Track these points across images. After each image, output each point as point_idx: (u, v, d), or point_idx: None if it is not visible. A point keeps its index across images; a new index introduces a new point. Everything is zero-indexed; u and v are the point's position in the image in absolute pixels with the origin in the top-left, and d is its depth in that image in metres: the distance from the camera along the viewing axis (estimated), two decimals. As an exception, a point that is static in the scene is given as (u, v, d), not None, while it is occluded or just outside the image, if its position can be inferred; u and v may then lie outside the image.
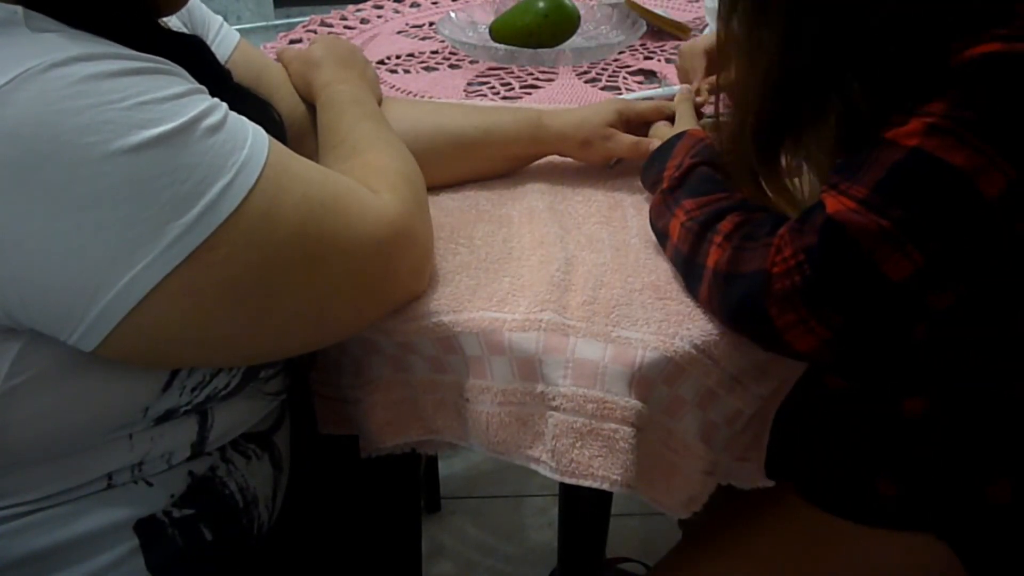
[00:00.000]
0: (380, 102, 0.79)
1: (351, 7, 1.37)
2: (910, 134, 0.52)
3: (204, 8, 0.77)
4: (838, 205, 0.53)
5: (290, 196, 0.51)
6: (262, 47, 1.12)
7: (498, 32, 1.13)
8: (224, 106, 0.51)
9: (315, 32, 1.27)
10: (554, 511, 1.44)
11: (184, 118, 0.47)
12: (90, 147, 0.44)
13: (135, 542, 0.58)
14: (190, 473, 0.61)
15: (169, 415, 0.57)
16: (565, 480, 0.59)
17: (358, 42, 1.23)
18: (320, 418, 0.74)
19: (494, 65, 1.13)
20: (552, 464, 0.60)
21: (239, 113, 0.52)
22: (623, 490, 0.58)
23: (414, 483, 0.94)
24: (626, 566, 1.25)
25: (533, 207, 0.76)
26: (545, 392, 0.60)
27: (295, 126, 0.76)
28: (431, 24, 1.31)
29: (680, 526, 1.05)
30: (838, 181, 0.55)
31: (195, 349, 0.52)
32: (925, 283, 0.52)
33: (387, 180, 0.61)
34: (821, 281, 0.53)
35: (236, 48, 0.77)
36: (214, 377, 0.58)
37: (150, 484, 0.58)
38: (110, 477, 0.56)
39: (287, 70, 0.81)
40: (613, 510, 0.81)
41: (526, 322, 0.60)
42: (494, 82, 1.09)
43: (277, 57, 0.83)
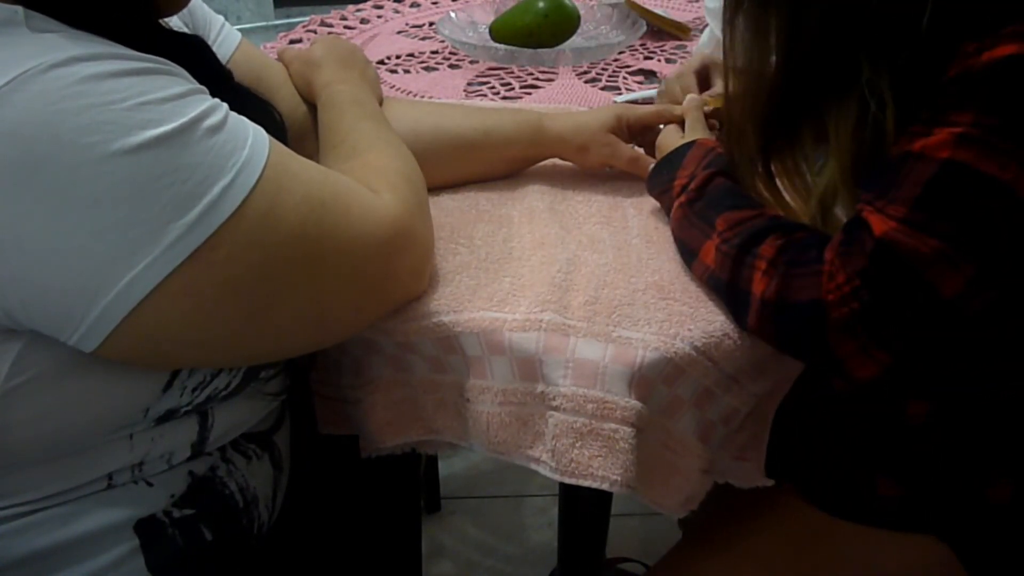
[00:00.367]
0: (381, 102, 0.79)
1: (351, 7, 1.37)
2: (939, 145, 0.52)
3: (205, 8, 0.76)
4: (883, 225, 0.52)
5: (291, 196, 0.51)
6: (262, 47, 1.12)
7: (498, 32, 1.13)
8: (225, 106, 0.51)
9: (315, 32, 1.27)
10: (554, 511, 1.44)
11: (185, 118, 0.47)
12: (90, 147, 0.44)
13: (135, 542, 0.57)
14: (190, 473, 0.61)
15: (169, 415, 0.57)
16: (565, 480, 0.59)
17: (358, 42, 1.23)
18: (320, 418, 0.74)
19: (494, 65, 1.13)
20: (552, 464, 0.60)
21: (240, 113, 0.52)
22: (623, 490, 0.58)
23: (414, 483, 0.94)
24: (626, 566, 1.25)
25: (533, 207, 0.76)
26: (545, 392, 0.60)
27: (296, 126, 0.76)
28: (431, 24, 1.31)
29: (680, 526, 1.05)
30: (874, 198, 0.54)
31: (196, 349, 0.52)
32: (974, 294, 0.51)
33: (387, 180, 0.61)
34: (880, 306, 0.52)
35: (237, 48, 0.77)
36: (214, 378, 0.58)
37: (150, 484, 0.58)
38: (110, 477, 0.56)
39: (287, 70, 0.81)
40: (613, 510, 0.81)
41: (526, 322, 0.60)
42: (494, 82, 1.09)
43: (277, 57, 0.83)
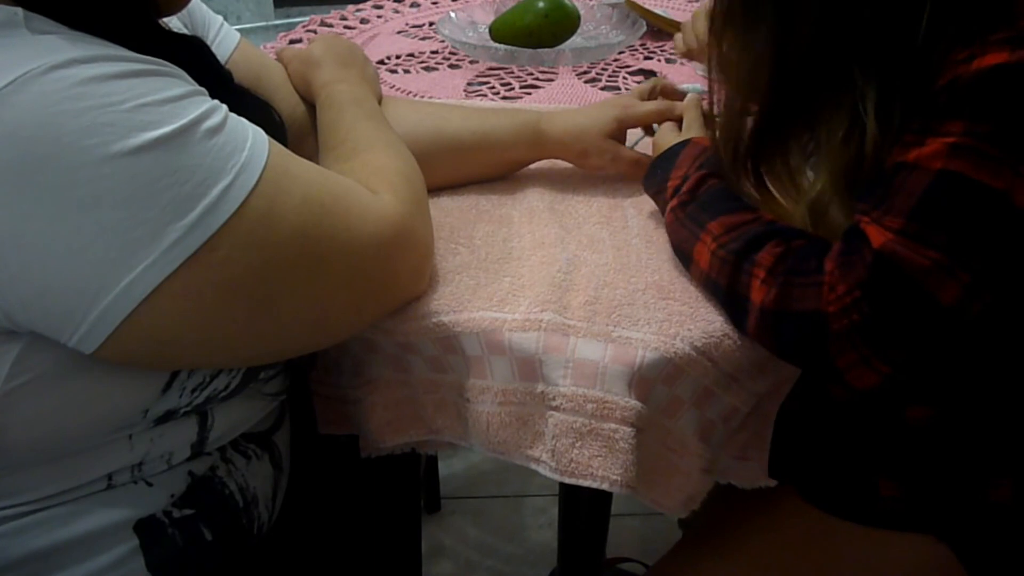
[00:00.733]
0: (380, 100, 0.79)
1: (351, 7, 1.37)
2: (933, 156, 0.52)
3: (204, 8, 0.76)
4: (881, 237, 0.52)
5: (290, 197, 0.51)
6: (262, 47, 1.12)
7: (498, 32, 1.13)
8: (224, 108, 0.51)
9: (315, 32, 1.27)
10: (554, 511, 1.44)
11: (184, 120, 0.47)
12: (90, 149, 0.44)
13: (135, 542, 0.58)
14: (190, 473, 0.61)
15: (169, 416, 0.57)
16: (565, 480, 0.59)
17: (358, 42, 1.22)
18: (320, 418, 0.74)
19: (494, 65, 1.13)
20: (552, 464, 0.60)
21: (239, 114, 0.52)
22: (623, 490, 0.58)
23: (414, 483, 0.94)
24: (626, 566, 1.25)
25: (533, 207, 0.76)
26: (545, 392, 0.60)
27: (295, 126, 0.76)
28: (431, 24, 1.31)
29: (680, 526, 1.05)
30: (870, 208, 0.54)
31: (196, 350, 0.52)
32: (970, 298, 0.51)
33: (387, 180, 0.61)
34: (880, 318, 0.52)
35: (236, 48, 0.77)
36: (214, 378, 0.58)
37: (150, 484, 0.58)
38: (110, 477, 0.56)
39: (287, 70, 0.81)
40: (613, 510, 0.81)
41: (526, 322, 0.60)
42: (494, 82, 1.08)
43: (277, 57, 0.83)
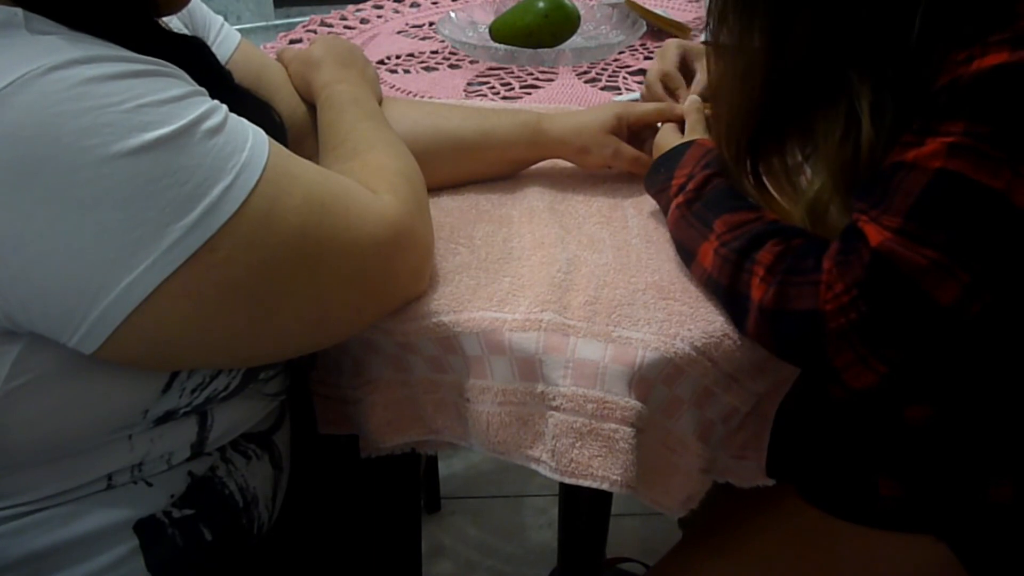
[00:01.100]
0: (380, 101, 0.79)
1: (351, 7, 1.37)
2: (932, 155, 0.51)
3: (205, 8, 0.76)
4: (879, 236, 0.52)
5: (290, 198, 0.51)
6: (262, 47, 1.12)
7: (498, 32, 1.13)
8: (224, 108, 0.51)
9: (315, 32, 1.27)
10: (554, 511, 1.44)
11: (184, 120, 0.47)
12: (90, 150, 0.44)
13: (135, 542, 0.58)
14: (190, 473, 0.61)
15: (168, 416, 0.57)
16: (565, 480, 0.59)
17: (358, 42, 1.23)
18: (320, 418, 0.74)
19: (494, 65, 1.13)
20: (552, 464, 0.60)
21: (239, 115, 0.52)
22: (623, 490, 0.58)
23: (414, 483, 0.94)
24: (626, 566, 1.25)
25: (533, 207, 0.76)
26: (545, 392, 0.60)
27: (296, 127, 0.76)
28: (431, 24, 1.31)
29: (680, 526, 1.05)
30: (868, 207, 0.54)
31: (196, 351, 0.52)
32: (969, 299, 0.51)
33: (387, 180, 0.61)
34: (877, 317, 0.52)
35: (237, 49, 0.77)
36: (214, 379, 0.58)
37: (150, 484, 0.58)
38: (110, 478, 0.56)
39: (287, 70, 0.81)
40: (613, 510, 0.81)
41: (526, 322, 0.60)
42: (494, 82, 1.08)
43: (277, 57, 0.83)
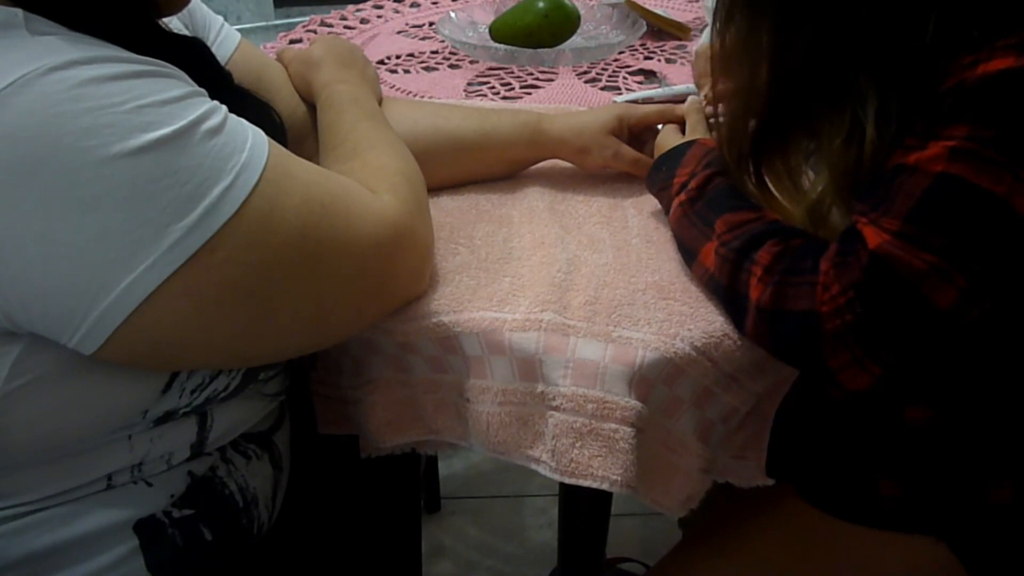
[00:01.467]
0: (380, 101, 0.79)
1: (351, 7, 1.37)
2: (934, 159, 0.51)
3: (205, 8, 0.76)
4: (877, 238, 0.52)
5: (290, 198, 0.51)
6: (262, 47, 1.12)
7: (498, 32, 1.13)
8: (224, 109, 0.51)
9: (315, 32, 1.27)
10: (554, 511, 1.44)
11: (184, 121, 0.47)
12: (90, 150, 0.44)
13: (135, 542, 0.58)
14: (190, 473, 0.61)
15: (168, 417, 0.57)
16: (565, 480, 0.59)
17: (358, 42, 1.23)
18: (320, 418, 0.74)
19: (494, 65, 1.13)
20: (552, 464, 0.60)
21: (239, 115, 0.52)
22: (623, 490, 0.58)
23: (414, 483, 0.94)
24: (626, 566, 1.25)
25: (533, 207, 0.76)
26: (545, 392, 0.60)
27: (296, 127, 0.76)
28: (431, 24, 1.31)
29: (680, 526, 1.05)
30: (868, 210, 0.54)
31: (196, 351, 0.52)
32: (968, 304, 0.51)
33: (387, 180, 0.61)
34: (873, 319, 0.52)
35: (237, 49, 0.77)
36: (213, 379, 0.58)
37: (150, 484, 0.58)
38: (110, 478, 0.56)
39: (287, 70, 0.81)
40: (613, 510, 0.81)
41: (526, 322, 0.60)
42: (494, 82, 1.08)
43: (277, 57, 0.83)
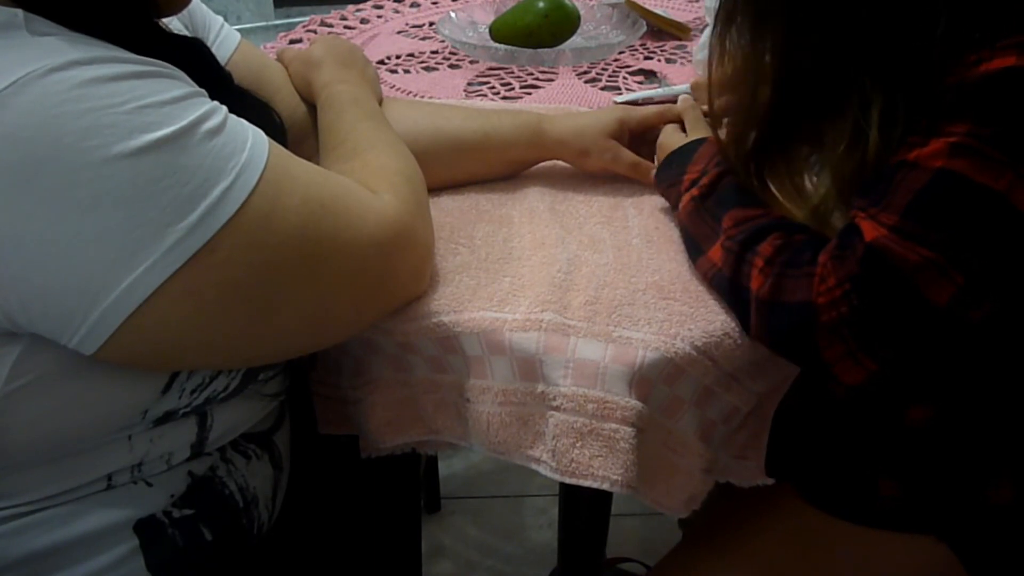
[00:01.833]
0: (380, 102, 0.79)
1: (351, 7, 1.37)
2: (934, 155, 0.51)
3: (205, 9, 0.76)
4: (874, 232, 0.52)
5: (290, 198, 0.51)
6: (262, 47, 1.12)
7: (498, 32, 1.13)
8: (224, 109, 0.51)
9: (315, 32, 1.27)
10: (554, 511, 1.44)
11: (184, 121, 0.47)
12: (90, 151, 0.44)
13: (135, 542, 0.58)
14: (190, 473, 0.61)
15: (168, 417, 0.57)
16: (565, 480, 0.59)
17: (358, 42, 1.23)
18: (320, 418, 0.74)
19: (494, 65, 1.13)
20: (552, 464, 0.60)
21: (239, 116, 0.52)
22: (623, 490, 0.58)
23: (414, 483, 0.94)
24: (626, 566, 1.25)
25: (534, 207, 0.76)
26: (546, 392, 0.60)
27: (296, 127, 0.76)
28: (431, 24, 1.31)
29: (680, 526, 1.05)
30: (867, 204, 0.54)
31: (196, 351, 0.52)
32: (966, 302, 0.51)
33: (387, 180, 0.61)
34: (868, 311, 0.52)
35: (237, 49, 0.77)
36: (213, 379, 0.58)
37: (150, 484, 0.59)
38: (110, 478, 0.56)
39: (287, 70, 0.81)
40: (613, 510, 0.81)
41: (527, 322, 0.60)
42: (494, 82, 1.08)
43: (277, 57, 0.83)
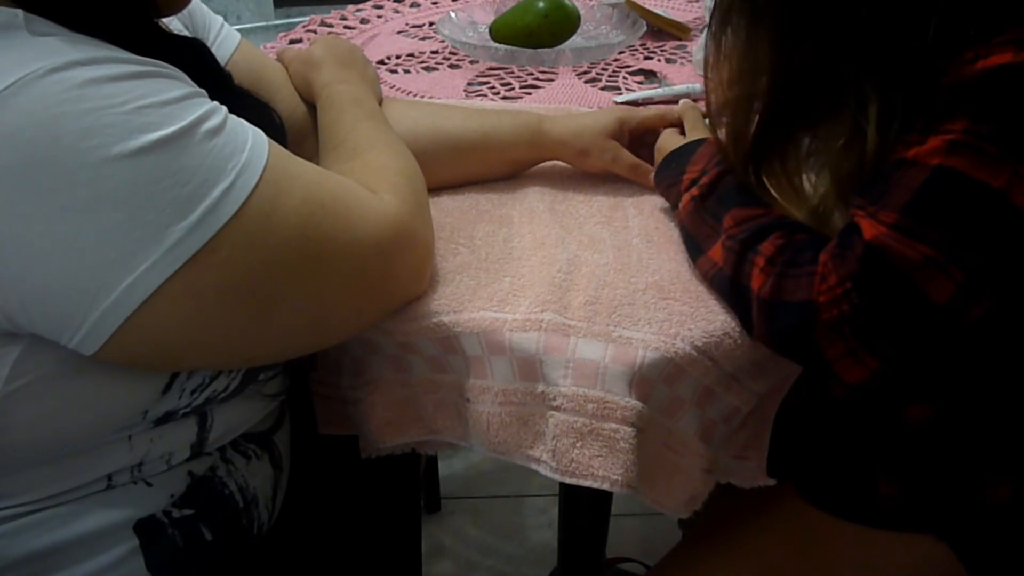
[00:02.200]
0: (380, 102, 0.79)
1: (351, 7, 1.37)
2: (932, 152, 0.51)
3: (205, 9, 0.76)
4: (874, 230, 0.52)
5: (290, 198, 0.51)
6: (262, 47, 1.12)
7: (498, 32, 1.13)
8: (224, 109, 0.51)
9: (315, 32, 1.27)
10: (554, 511, 1.44)
11: (184, 122, 0.47)
12: (90, 151, 0.44)
13: (135, 542, 0.58)
14: (190, 473, 0.61)
15: (168, 417, 0.57)
16: (565, 480, 0.59)
17: (358, 42, 1.23)
18: (320, 418, 0.74)
19: (494, 65, 1.13)
20: (552, 464, 0.60)
21: (239, 116, 0.52)
22: (623, 490, 0.58)
23: (414, 483, 0.94)
24: (626, 566, 1.25)
25: (534, 207, 0.76)
26: (546, 392, 0.60)
27: (296, 127, 0.76)
28: (431, 24, 1.31)
29: (680, 526, 1.05)
30: (867, 203, 0.54)
31: (196, 352, 0.52)
32: (966, 299, 0.51)
33: (387, 180, 0.61)
34: (869, 309, 0.52)
35: (237, 49, 0.77)
36: (213, 380, 0.58)
37: (150, 484, 0.59)
38: (110, 478, 0.56)
39: (287, 70, 0.81)
40: (613, 510, 0.81)
41: (527, 322, 0.60)
42: (494, 82, 1.08)
43: (277, 57, 0.83)
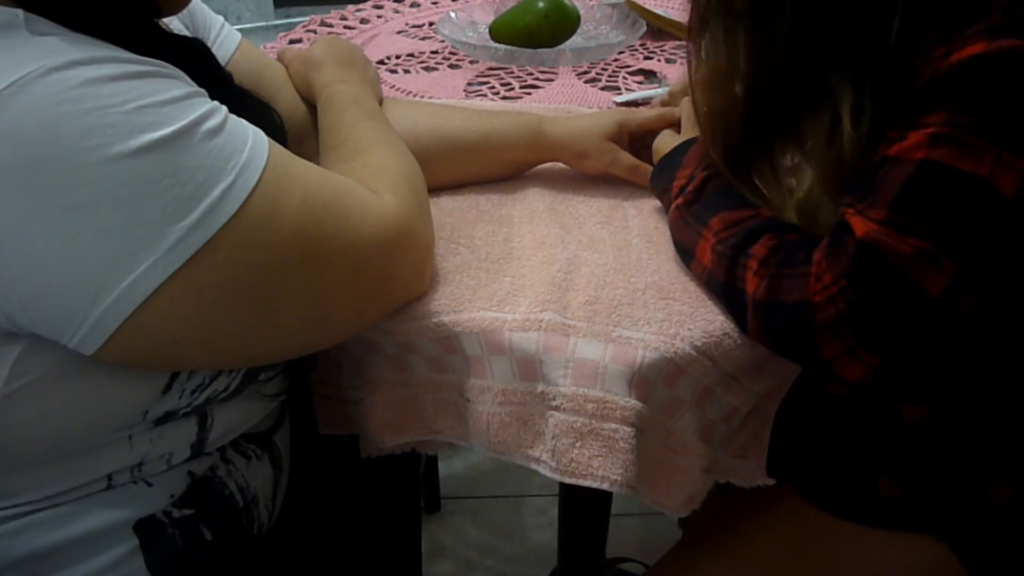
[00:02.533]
0: (381, 102, 0.79)
1: (351, 7, 1.37)
2: (914, 147, 0.52)
3: (205, 9, 0.76)
4: (865, 227, 0.52)
5: (290, 198, 0.51)
6: (262, 47, 1.12)
7: (498, 32, 1.13)
8: (224, 109, 0.51)
9: (315, 32, 1.27)
10: (554, 511, 1.44)
11: (184, 121, 0.47)
12: (91, 151, 0.44)
13: (135, 542, 0.58)
14: (190, 473, 0.61)
15: (168, 417, 0.57)
16: (565, 480, 0.59)
17: (358, 42, 1.23)
18: (320, 418, 0.74)
19: (494, 65, 1.13)
20: (552, 464, 0.60)
21: (240, 116, 0.52)
22: (623, 490, 0.58)
23: (414, 483, 0.94)
24: (626, 566, 1.25)
25: (534, 207, 0.76)
26: (545, 392, 0.60)
27: (296, 127, 0.76)
28: (431, 24, 1.31)
29: (680, 526, 1.05)
30: (855, 201, 0.54)
31: (196, 351, 0.52)
32: (960, 291, 0.51)
33: (388, 180, 0.61)
34: (865, 307, 0.52)
35: (237, 49, 0.77)
36: (214, 380, 0.58)
37: (150, 484, 0.59)
38: (110, 478, 0.56)
39: (287, 70, 0.81)
40: (613, 510, 0.81)
41: (526, 322, 0.60)
42: (494, 82, 1.08)
43: (277, 57, 0.83)
